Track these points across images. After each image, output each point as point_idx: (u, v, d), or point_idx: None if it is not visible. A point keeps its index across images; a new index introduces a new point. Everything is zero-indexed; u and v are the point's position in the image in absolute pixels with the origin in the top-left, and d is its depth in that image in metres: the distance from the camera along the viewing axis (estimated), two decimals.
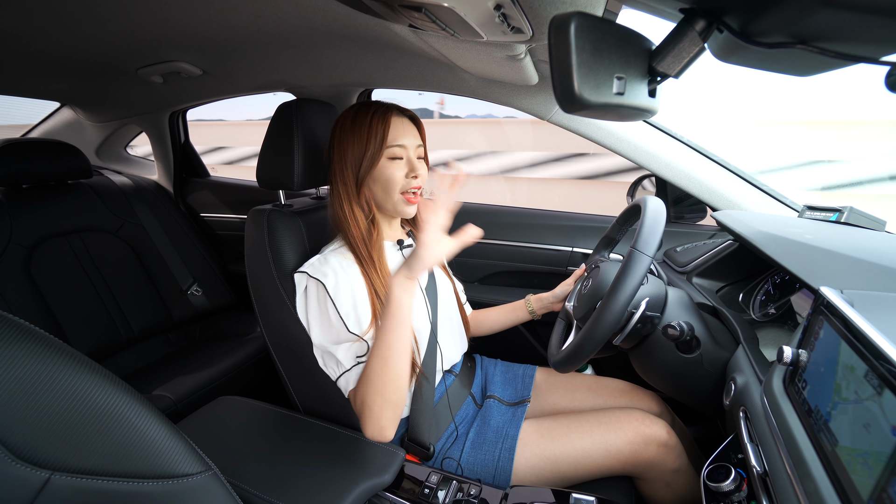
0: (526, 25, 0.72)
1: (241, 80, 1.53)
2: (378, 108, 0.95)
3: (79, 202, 1.73)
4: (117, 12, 0.96)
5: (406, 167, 0.96)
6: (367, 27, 0.96)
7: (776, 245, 0.83)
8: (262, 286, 1.00)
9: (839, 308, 0.54)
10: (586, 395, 1.15)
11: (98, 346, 1.57)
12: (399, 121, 0.96)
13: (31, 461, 0.43)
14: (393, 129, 0.94)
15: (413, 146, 0.96)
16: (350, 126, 0.95)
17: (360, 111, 0.95)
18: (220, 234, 2.21)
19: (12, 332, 0.44)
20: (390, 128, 0.94)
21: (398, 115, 0.96)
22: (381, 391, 0.81)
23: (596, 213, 1.62)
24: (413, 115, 1.00)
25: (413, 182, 0.95)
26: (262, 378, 1.67)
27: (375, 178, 0.95)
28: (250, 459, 0.86)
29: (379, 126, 0.93)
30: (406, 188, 0.95)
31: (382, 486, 0.82)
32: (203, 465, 0.55)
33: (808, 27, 0.37)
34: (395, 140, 0.94)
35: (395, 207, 0.97)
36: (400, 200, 0.96)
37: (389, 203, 0.97)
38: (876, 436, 0.42)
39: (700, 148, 1.34)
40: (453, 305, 1.16)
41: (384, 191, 0.95)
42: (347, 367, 0.89)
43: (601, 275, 0.97)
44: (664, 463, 0.93)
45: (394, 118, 0.95)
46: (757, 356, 0.79)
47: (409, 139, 0.96)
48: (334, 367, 0.90)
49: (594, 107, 0.47)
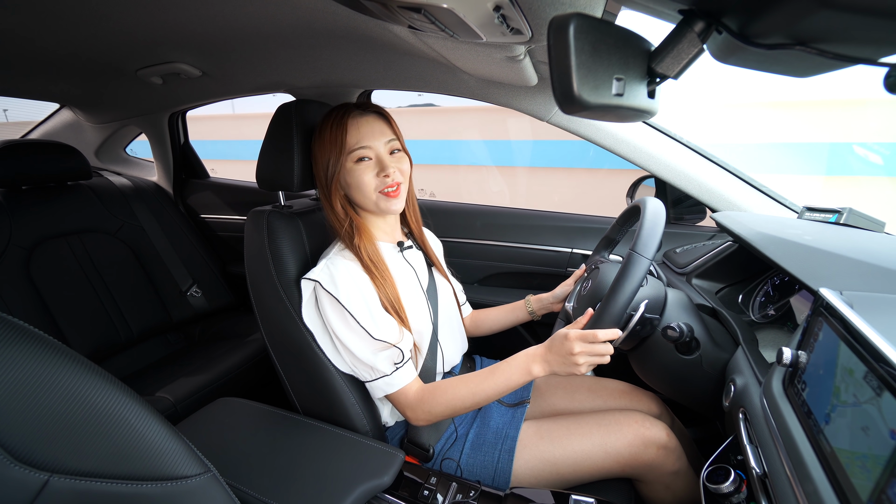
0: (525, 26, 0.72)
1: (241, 82, 1.53)
2: (335, 112, 0.94)
3: (78, 203, 1.73)
4: (117, 13, 0.96)
5: (376, 167, 0.93)
6: (367, 28, 0.96)
7: (775, 246, 0.83)
8: (261, 287, 1.00)
9: (838, 309, 0.54)
10: (586, 396, 1.15)
11: (97, 347, 1.57)
12: (358, 122, 0.93)
13: (30, 463, 0.43)
14: (352, 132, 0.92)
15: (381, 143, 0.94)
16: (318, 135, 0.96)
17: (325, 119, 0.95)
18: (219, 235, 2.21)
19: (11, 333, 0.44)
20: (348, 132, 0.92)
21: (357, 115, 0.94)
22: (455, 413, 0.91)
23: (595, 214, 1.62)
24: (378, 110, 0.98)
25: (386, 181, 0.93)
26: (261, 379, 1.67)
27: (347, 182, 0.95)
28: (249, 461, 0.86)
29: (337, 132, 0.92)
30: (380, 187, 0.94)
31: (382, 488, 0.82)
32: (202, 466, 0.55)
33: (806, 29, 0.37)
34: (357, 143, 0.92)
35: (377, 206, 0.95)
36: (380, 198, 0.94)
37: (370, 203, 0.95)
38: (875, 438, 0.42)
39: (699, 149, 1.34)
40: (453, 307, 1.16)
41: (359, 193, 0.94)
42: (388, 373, 0.91)
43: (601, 276, 0.97)
44: (664, 465, 0.93)
45: (351, 121, 0.93)
46: (756, 357, 0.79)
47: (375, 139, 0.93)
48: (369, 371, 0.92)
49: (593, 108, 0.47)
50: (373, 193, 0.94)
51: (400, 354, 0.91)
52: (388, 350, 0.90)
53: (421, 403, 0.91)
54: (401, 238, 1.08)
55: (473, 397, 0.89)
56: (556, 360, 0.85)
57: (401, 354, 0.91)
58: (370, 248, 0.95)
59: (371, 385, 0.93)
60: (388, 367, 0.91)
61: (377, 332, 0.89)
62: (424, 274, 1.09)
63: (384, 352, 0.90)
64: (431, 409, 0.91)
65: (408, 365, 0.93)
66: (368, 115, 0.95)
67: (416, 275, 1.06)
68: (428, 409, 0.91)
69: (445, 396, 0.90)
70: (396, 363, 0.91)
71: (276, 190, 1.07)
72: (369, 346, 0.89)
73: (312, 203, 1.17)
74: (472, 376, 0.91)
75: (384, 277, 0.93)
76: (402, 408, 0.94)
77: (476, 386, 0.89)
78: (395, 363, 0.91)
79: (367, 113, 0.95)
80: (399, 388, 0.91)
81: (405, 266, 1.04)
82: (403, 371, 0.92)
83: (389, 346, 0.90)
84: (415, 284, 1.04)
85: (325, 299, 0.89)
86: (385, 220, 1.04)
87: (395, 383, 0.91)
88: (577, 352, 0.82)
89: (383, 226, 1.04)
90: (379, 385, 0.91)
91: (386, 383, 0.91)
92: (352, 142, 0.92)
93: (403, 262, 1.05)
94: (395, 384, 0.91)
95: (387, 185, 0.93)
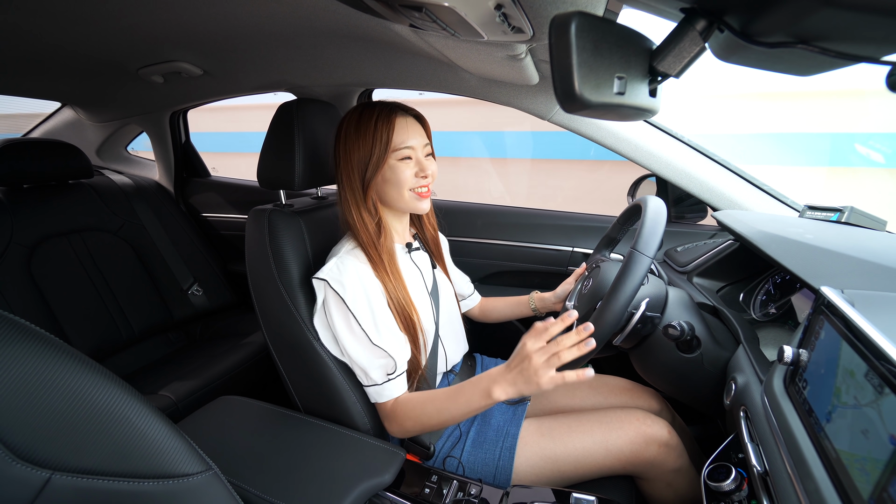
0: (526, 25, 0.72)
1: (242, 80, 1.53)
2: (382, 109, 0.94)
3: (79, 202, 1.73)
4: (118, 11, 0.96)
5: (415, 167, 0.95)
6: (368, 27, 0.96)
7: (777, 245, 0.83)
8: (262, 286, 1.00)
9: (840, 308, 0.54)
10: (587, 393, 1.15)
11: (99, 345, 1.57)
12: (404, 121, 0.94)
13: (32, 461, 0.43)
14: (399, 132, 0.93)
15: (420, 145, 0.95)
16: (354, 129, 0.94)
17: (365, 113, 0.94)
18: (220, 234, 2.21)
19: (13, 331, 0.44)
20: (395, 130, 0.92)
21: (403, 115, 0.95)
22: (426, 429, 0.92)
23: (596, 213, 1.62)
24: (417, 114, 0.99)
25: (423, 181, 0.95)
26: (262, 378, 1.67)
27: (386, 178, 0.94)
28: (251, 459, 0.86)
29: (384, 129, 0.92)
30: (415, 186, 0.95)
31: (383, 486, 0.82)
32: (203, 464, 0.55)
33: (808, 27, 0.37)
34: (402, 143, 0.93)
35: (407, 204, 0.96)
36: (412, 197, 0.95)
37: (402, 201, 0.96)
38: (875, 442, 0.42)
39: (701, 148, 1.34)
40: (454, 307, 1.16)
41: (396, 190, 0.95)
42: (379, 382, 0.92)
43: (602, 275, 0.97)
44: (665, 462, 0.93)
45: (398, 119, 0.93)
46: (757, 356, 0.79)
47: (416, 139, 0.95)
48: (363, 376, 0.93)
49: (595, 106, 0.47)
50: (407, 192, 0.95)
51: (394, 365, 0.92)
52: (383, 359, 0.91)
53: (395, 416, 0.93)
54: (409, 239, 1.08)
55: (440, 416, 0.88)
56: (515, 375, 0.79)
57: (394, 366, 0.92)
58: (392, 250, 0.96)
59: (367, 391, 0.95)
60: (381, 376, 0.92)
61: (377, 338, 0.89)
62: (429, 274, 1.09)
63: (379, 360, 0.91)
64: (403, 423, 0.92)
65: (400, 378, 0.93)
66: (411, 117, 0.97)
67: (422, 276, 1.06)
68: (400, 423, 0.93)
69: (415, 412, 0.91)
70: (389, 374, 0.92)
71: (278, 189, 1.08)
72: (367, 352, 0.90)
73: (314, 202, 1.17)
74: (439, 394, 0.90)
75: (397, 279, 0.94)
76: (382, 417, 0.96)
77: (441, 404, 0.88)
78: (387, 374, 0.92)
79: (409, 115, 0.97)
80: (386, 399, 0.93)
81: (412, 267, 1.05)
82: (394, 384, 0.92)
83: (386, 355, 0.90)
84: (420, 285, 1.04)
85: (332, 297, 0.90)
86: (400, 221, 1.05)
87: (384, 394, 0.92)
88: (531, 350, 0.76)
89: (398, 226, 1.05)
90: (370, 391, 0.94)
91: (376, 392, 0.93)
92: (399, 140, 0.93)
93: (410, 264, 1.05)
94: (384, 395, 0.92)
95: (421, 184, 0.95)
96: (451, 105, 3.67)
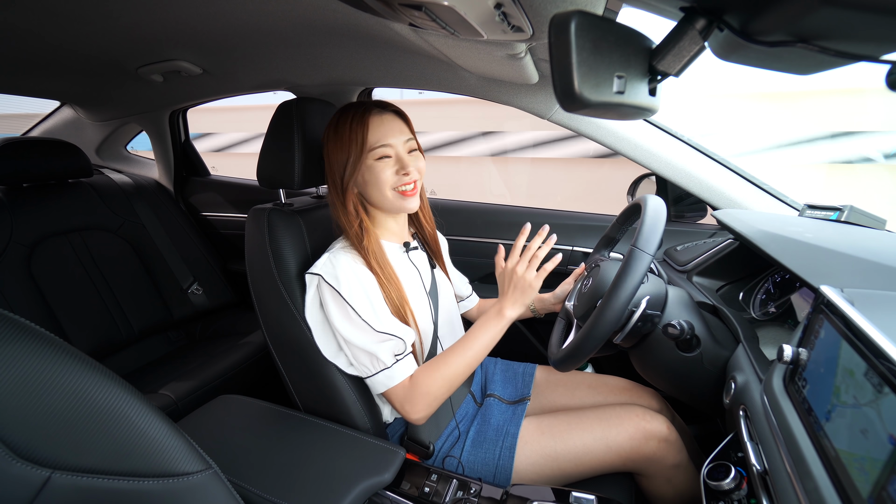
0: (526, 24, 0.72)
1: (242, 79, 1.53)
2: (356, 111, 0.93)
3: (79, 201, 1.73)
4: (118, 10, 0.96)
5: (395, 165, 0.94)
6: (368, 26, 0.96)
7: (776, 244, 0.83)
8: (262, 285, 1.00)
9: (839, 307, 0.54)
10: (586, 392, 1.16)
11: (98, 344, 1.57)
12: (379, 120, 0.93)
13: (32, 459, 0.43)
14: (374, 131, 0.92)
15: (401, 142, 0.94)
16: (334, 132, 0.94)
17: (342, 116, 0.94)
18: (220, 233, 2.21)
19: (13, 330, 0.44)
20: (369, 130, 0.92)
21: (378, 113, 0.94)
22: (453, 386, 0.93)
23: (596, 212, 1.62)
24: (396, 110, 0.98)
25: (405, 178, 0.94)
26: (262, 377, 1.67)
27: (365, 179, 0.94)
28: (251, 458, 0.86)
29: (358, 130, 0.91)
30: (397, 185, 0.94)
31: (383, 485, 0.82)
32: (203, 463, 0.55)
33: (808, 26, 0.37)
34: (378, 141, 0.92)
35: (392, 204, 0.96)
36: (395, 196, 0.95)
37: (385, 202, 0.95)
38: (874, 442, 0.42)
39: (700, 147, 1.33)
40: (453, 306, 1.16)
41: (377, 191, 0.94)
42: (388, 365, 0.90)
43: (601, 274, 0.97)
44: (665, 458, 0.94)
45: (373, 119, 0.92)
46: (757, 355, 0.79)
47: (395, 137, 0.93)
48: (369, 365, 0.91)
49: (594, 105, 0.47)
50: (389, 191, 0.94)
51: (402, 345, 0.91)
52: (390, 341, 0.90)
53: (416, 390, 0.91)
54: (407, 238, 1.08)
55: (465, 359, 0.92)
56: (512, 291, 0.92)
57: (403, 345, 0.91)
58: (377, 251, 0.95)
59: (372, 381, 0.92)
60: (390, 358, 0.90)
61: (379, 325, 0.89)
62: (428, 274, 1.09)
63: (386, 342, 0.90)
64: (428, 390, 0.91)
65: (408, 358, 0.93)
66: (388, 114, 0.95)
67: (420, 275, 1.06)
68: (425, 393, 0.90)
69: (439, 372, 0.91)
70: (397, 354, 0.91)
71: (277, 188, 1.08)
72: (371, 338, 0.89)
73: (313, 201, 1.17)
74: (454, 346, 0.94)
75: (390, 279, 0.94)
76: (400, 401, 0.92)
77: (462, 350, 0.93)
78: (395, 354, 0.91)
79: (386, 111, 0.95)
80: (399, 381, 0.91)
81: (410, 267, 1.05)
82: (404, 363, 0.92)
83: (392, 337, 0.90)
84: (418, 285, 1.04)
85: (328, 292, 0.90)
86: (395, 220, 1.04)
87: (395, 376, 0.91)
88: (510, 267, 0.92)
89: (393, 226, 1.04)
90: (379, 379, 0.91)
91: (387, 376, 0.90)
92: (374, 139, 0.92)
93: (408, 263, 1.05)
94: (396, 377, 0.91)
95: (404, 182, 0.94)
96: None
